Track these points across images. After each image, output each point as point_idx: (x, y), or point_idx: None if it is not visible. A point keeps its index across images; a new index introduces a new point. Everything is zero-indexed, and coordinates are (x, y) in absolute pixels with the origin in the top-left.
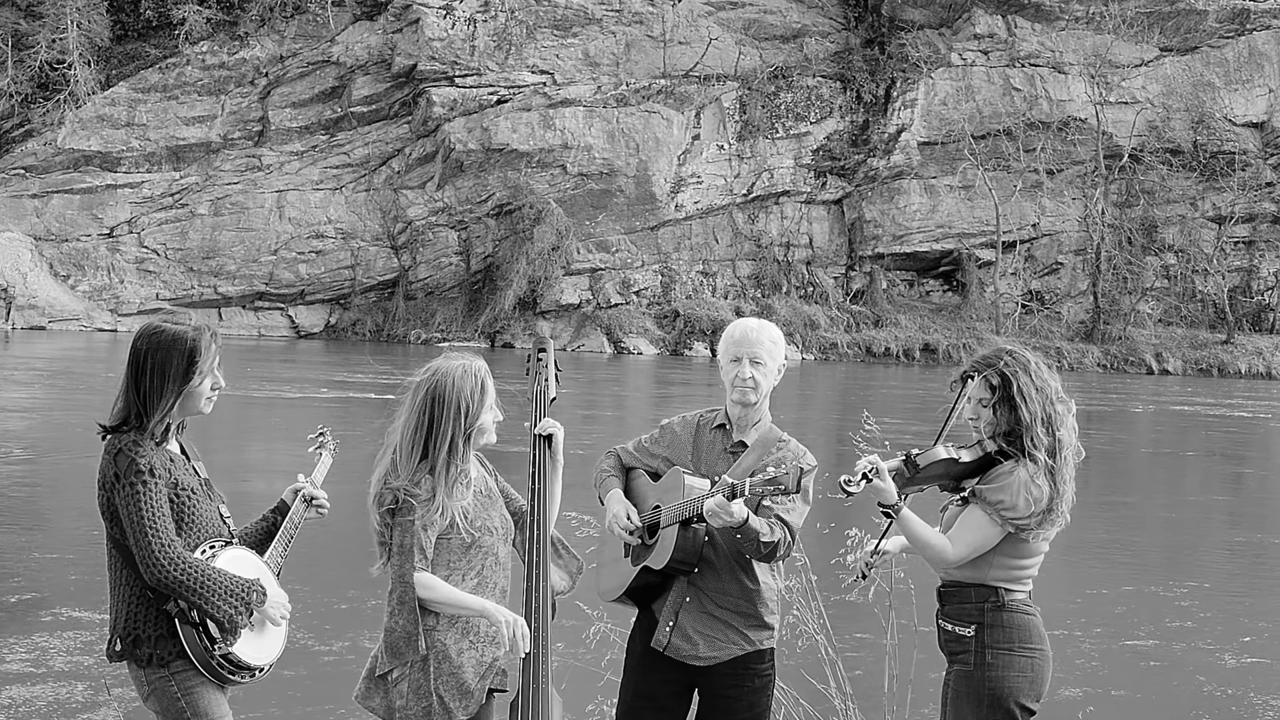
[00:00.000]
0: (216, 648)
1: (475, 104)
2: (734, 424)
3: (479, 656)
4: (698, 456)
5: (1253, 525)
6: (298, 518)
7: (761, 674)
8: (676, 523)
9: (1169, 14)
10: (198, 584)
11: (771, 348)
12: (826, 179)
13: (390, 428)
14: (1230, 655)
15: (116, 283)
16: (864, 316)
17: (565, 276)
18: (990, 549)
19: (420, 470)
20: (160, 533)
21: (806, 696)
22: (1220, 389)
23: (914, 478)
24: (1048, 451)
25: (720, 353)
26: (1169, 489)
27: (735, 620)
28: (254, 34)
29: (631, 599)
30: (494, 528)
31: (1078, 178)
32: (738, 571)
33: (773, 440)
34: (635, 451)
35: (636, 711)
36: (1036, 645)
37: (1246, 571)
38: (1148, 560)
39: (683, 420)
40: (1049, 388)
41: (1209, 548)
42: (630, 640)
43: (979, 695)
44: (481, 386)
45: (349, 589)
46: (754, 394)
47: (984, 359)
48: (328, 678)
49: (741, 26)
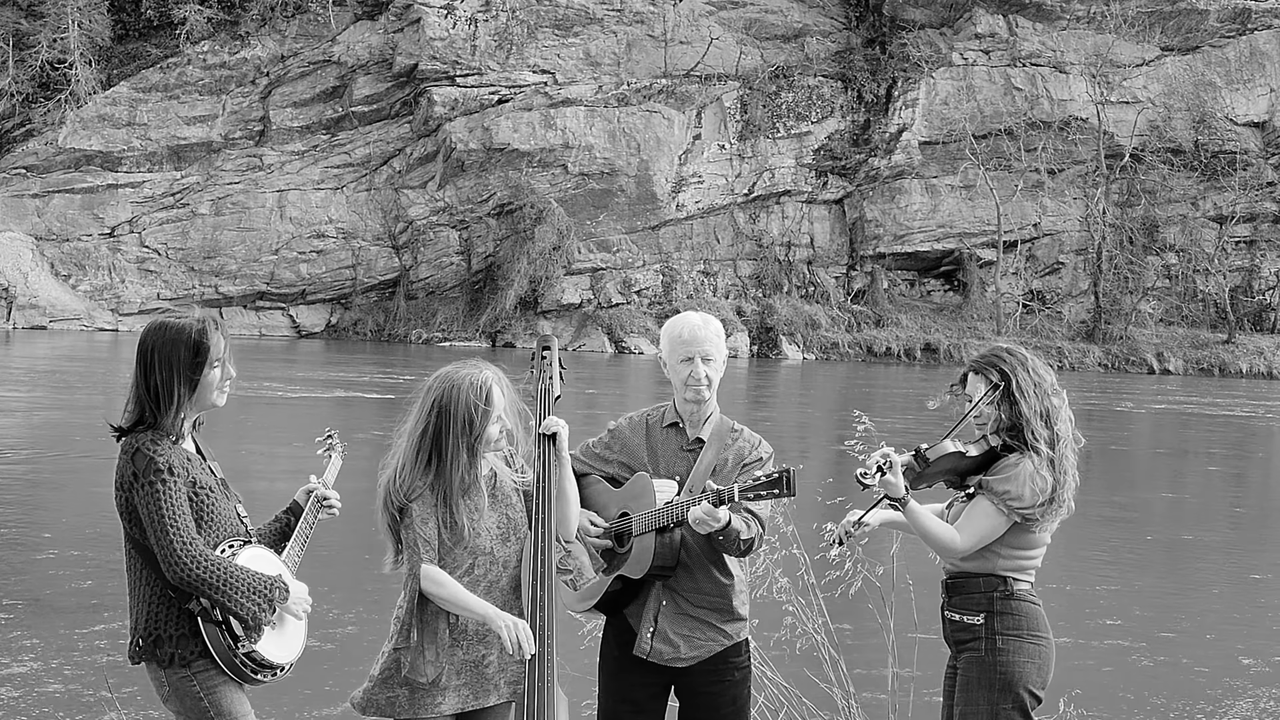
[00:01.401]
0: (240, 646)
1: (476, 104)
2: (686, 421)
3: (461, 654)
4: (654, 458)
5: (1254, 523)
6: (312, 518)
7: (740, 666)
8: (652, 531)
9: (1170, 13)
10: (221, 581)
11: (718, 340)
12: (827, 178)
13: (398, 430)
14: (1229, 650)
15: (117, 282)
16: (865, 316)
17: (566, 276)
18: (996, 539)
19: (425, 476)
20: (182, 531)
21: (809, 695)
22: (1221, 389)
23: (923, 472)
24: (1048, 443)
25: (666, 352)
26: (1170, 487)
27: (712, 617)
28: (255, 33)
29: (600, 608)
30: (488, 528)
31: (1079, 177)
32: (711, 569)
33: (726, 431)
34: (585, 457)
35: (618, 716)
36: (1043, 634)
37: (1247, 571)
38: (1150, 559)
39: (630, 421)
40: (1045, 382)
41: (1210, 546)
42: (604, 646)
43: (990, 681)
44: (487, 398)
45: (358, 588)
46: (707, 390)
47: (983, 357)
48: (333, 676)
49: (743, 26)
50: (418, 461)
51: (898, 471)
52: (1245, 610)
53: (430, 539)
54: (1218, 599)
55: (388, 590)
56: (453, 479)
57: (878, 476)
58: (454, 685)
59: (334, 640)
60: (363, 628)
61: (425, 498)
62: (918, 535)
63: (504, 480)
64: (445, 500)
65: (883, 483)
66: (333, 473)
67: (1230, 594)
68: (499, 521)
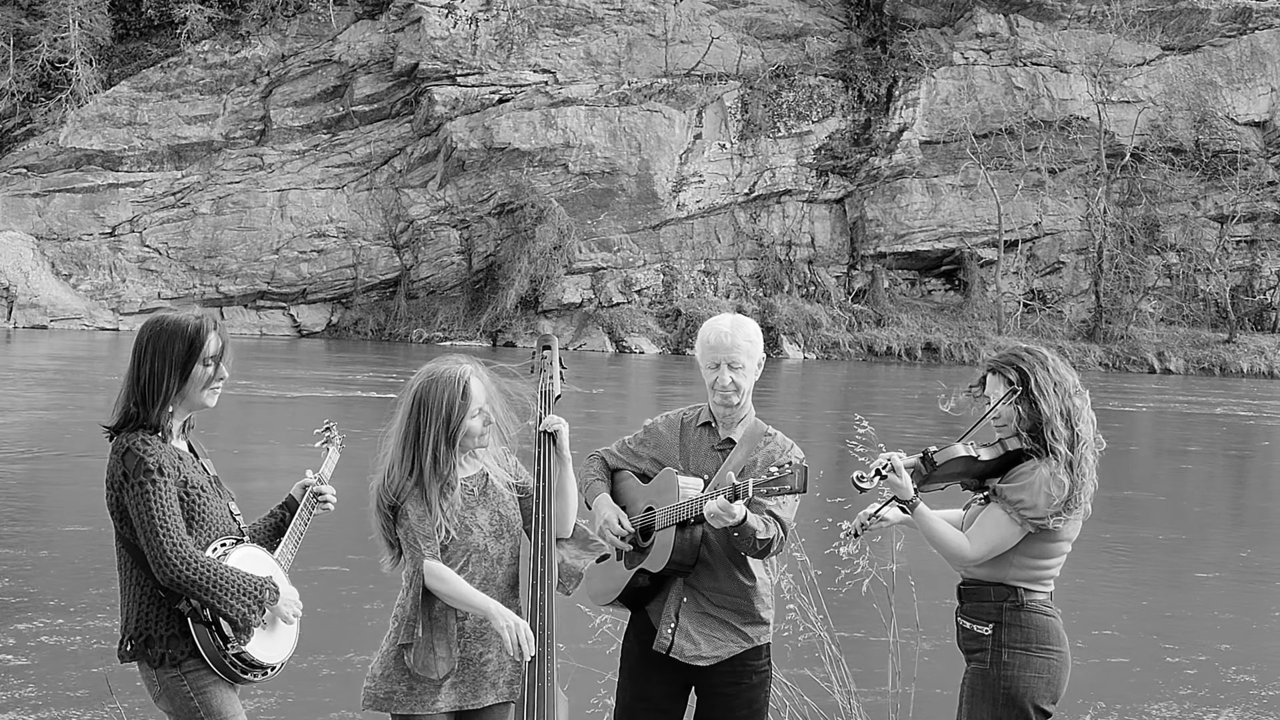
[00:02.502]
0: (229, 646)
1: (477, 103)
2: (719, 422)
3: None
4: (685, 456)
5: (1255, 523)
6: (307, 514)
7: (759, 670)
8: (673, 525)
9: (1171, 13)
10: (210, 583)
11: (748, 348)
12: (828, 178)
13: (384, 433)
14: (1232, 649)
15: (118, 282)
16: (866, 316)
17: (567, 275)
18: (1010, 548)
19: (411, 473)
20: (171, 532)
21: (811, 694)
22: (1222, 388)
23: (931, 475)
24: (1067, 444)
25: (698, 355)
26: (1172, 485)
27: (733, 618)
28: (256, 33)
29: (624, 602)
30: (479, 525)
31: (1080, 177)
32: (733, 569)
33: (759, 434)
34: (620, 453)
35: (634, 713)
36: (1054, 646)
37: (1249, 568)
38: (1149, 556)
39: (666, 419)
40: (1066, 382)
41: (1212, 546)
42: (625, 642)
43: (994, 694)
44: (464, 391)
45: (354, 585)
46: (736, 396)
47: (1001, 357)
48: (331, 677)
49: (743, 25)
50: (404, 460)
51: (903, 473)
52: (1246, 610)
53: (430, 535)
54: (1217, 598)
55: (386, 585)
56: (430, 472)
57: (875, 480)
58: (452, 683)
59: (334, 639)
60: (363, 625)
61: (418, 496)
62: (927, 540)
63: (496, 478)
64: (424, 496)
65: (887, 483)
66: (330, 466)
67: (1230, 591)
68: (490, 519)
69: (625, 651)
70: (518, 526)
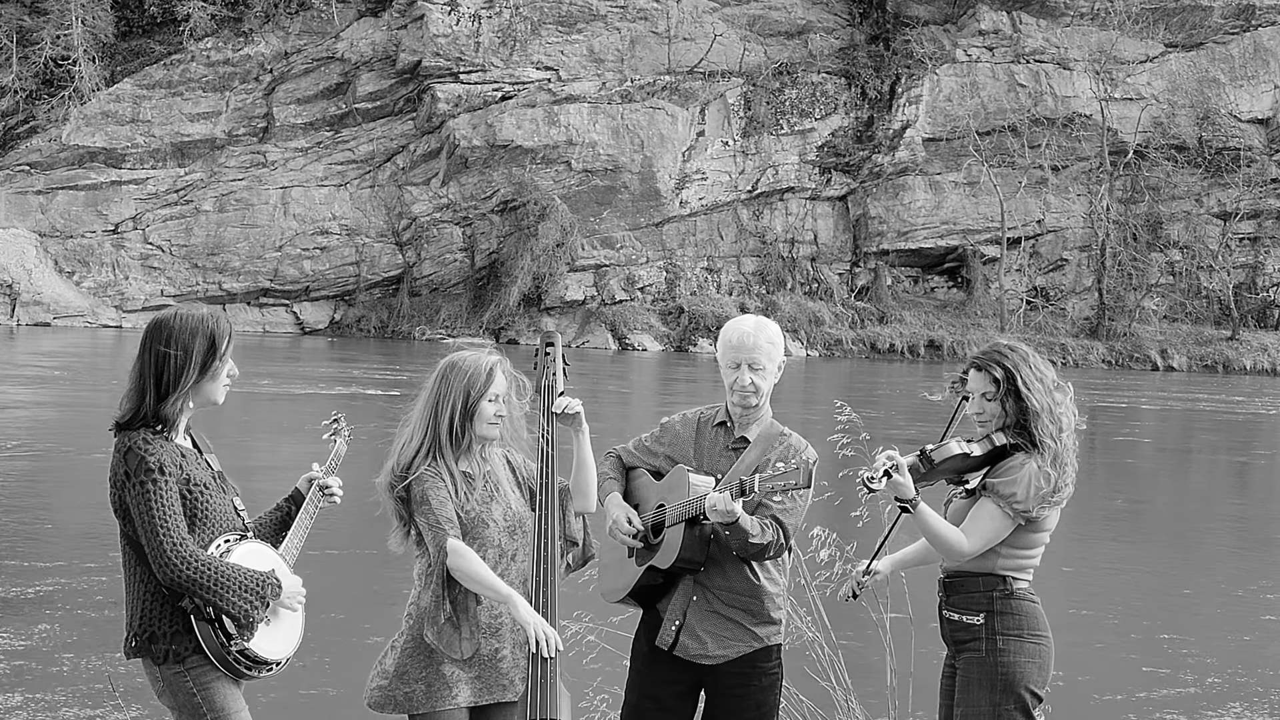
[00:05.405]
0: (233, 643)
1: (480, 100)
2: (735, 421)
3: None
4: (700, 454)
5: (1256, 522)
6: (313, 507)
7: (769, 671)
8: (682, 522)
9: (1174, 10)
10: (211, 581)
11: (770, 349)
12: (831, 175)
13: (405, 417)
14: (1233, 642)
15: (121, 279)
16: (868, 313)
17: (570, 273)
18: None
19: (424, 444)
20: (172, 531)
21: (808, 693)
22: (1225, 385)
23: (929, 473)
24: (1053, 438)
25: (719, 354)
26: (1173, 484)
27: (743, 618)
28: (258, 30)
29: (636, 599)
30: (494, 519)
31: (1083, 174)
32: (744, 568)
33: (774, 435)
34: (636, 450)
35: (642, 713)
36: (1042, 633)
37: (1252, 568)
38: (1151, 555)
39: (683, 418)
40: (1047, 377)
41: (1212, 545)
42: (635, 641)
43: (992, 681)
44: (489, 375)
45: (361, 582)
46: (755, 398)
47: (985, 354)
48: (338, 667)
49: (746, 23)
50: (421, 429)
51: (905, 473)
52: (1245, 610)
53: (451, 518)
54: (1220, 597)
55: (393, 583)
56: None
57: (884, 480)
58: (468, 678)
59: (335, 639)
60: (365, 624)
61: (435, 480)
62: (925, 537)
63: (505, 480)
64: (439, 475)
65: (891, 484)
66: (337, 458)
67: (1230, 596)
68: (505, 514)
69: (635, 650)
70: (529, 523)
